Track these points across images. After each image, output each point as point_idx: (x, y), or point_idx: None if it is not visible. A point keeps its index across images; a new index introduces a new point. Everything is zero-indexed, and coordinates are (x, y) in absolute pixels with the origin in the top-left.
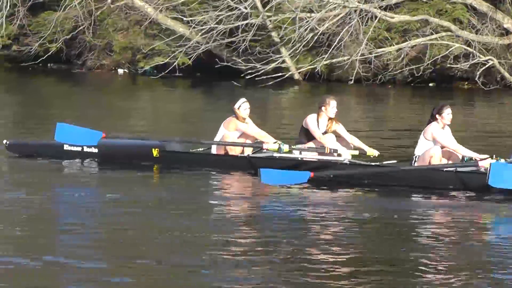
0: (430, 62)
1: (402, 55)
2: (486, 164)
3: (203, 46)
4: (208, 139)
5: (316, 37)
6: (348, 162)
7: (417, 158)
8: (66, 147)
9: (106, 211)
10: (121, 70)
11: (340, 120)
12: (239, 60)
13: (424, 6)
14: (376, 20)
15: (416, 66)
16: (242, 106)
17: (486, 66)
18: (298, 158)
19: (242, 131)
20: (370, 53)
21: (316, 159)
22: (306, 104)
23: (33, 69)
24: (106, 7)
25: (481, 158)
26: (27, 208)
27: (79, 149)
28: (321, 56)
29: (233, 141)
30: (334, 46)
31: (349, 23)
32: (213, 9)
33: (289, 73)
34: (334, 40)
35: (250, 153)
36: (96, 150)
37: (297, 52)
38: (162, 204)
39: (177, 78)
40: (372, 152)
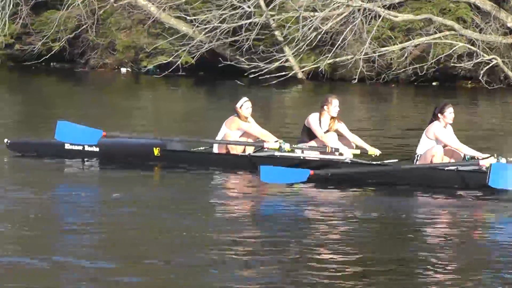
0: (433, 61)
1: (406, 54)
2: (487, 163)
3: (207, 45)
4: (210, 138)
5: (319, 36)
6: (349, 161)
7: (419, 157)
8: (67, 146)
9: (108, 211)
10: (124, 69)
11: (343, 119)
12: (243, 59)
13: (427, 5)
14: (380, 19)
15: (419, 65)
16: (244, 105)
17: (490, 65)
18: (299, 157)
19: (244, 130)
20: (373, 52)
21: (317, 158)
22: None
23: (35, 68)
24: (109, 6)
25: (483, 157)
26: (28, 207)
27: (80, 148)
28: (324, 55)
29: (235, 140)
30: (337, 45)
31: (352, 22)
32: (216, 8)
33: (292, 72)
34: (337, 39)
35: (252, 152)
36: (97, 149)
37: (300, 51)
38: (163, 203)
39: (180, 77)
40: (373, 151)
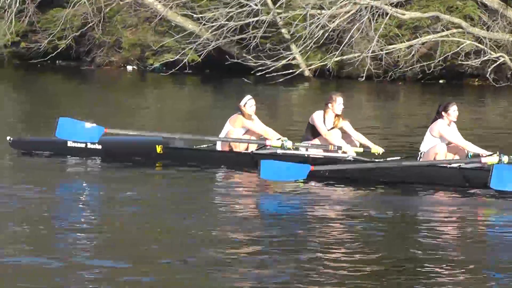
0: (441, 59)
1: (413, 52)
2: (489, 160)
3: (213, 43)
4: (213, 136)
5: (326, 34)
6: (352, 159)
7: (422, 155)
8: (70, 144)
9: (110, 209)
10: (130, 67)
11: (350, 117)
12: (249, 57)
13: (435, 2)
14: (387, 17)
15: (427, 63)
16: (248, 103)
17: (497, 63)
18: (302, 155)
19: (248, 128)
20: (381, 49)
21: (319, 156)
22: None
23: (41, 66)
24: (115, 4)
25: (486, 155)
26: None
27: (83, 145)
28: (331, 53)
29: (238, 137)
30: (345, 43)
31: (360, 20)
32: (223, 5)
33: (299, 70)
34: (344, 37)
35: (254, 150)
36: (99, 147)
37: (307, 49)
38: (166, 201)
39: (186, 75)
40: (377, 149)
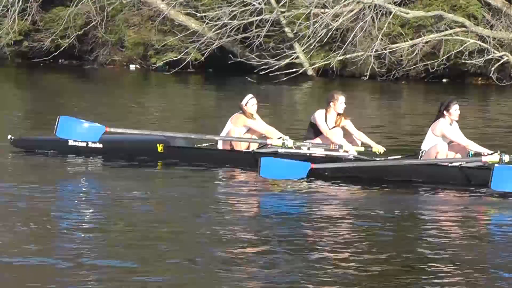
0: (444, 58)
1: (416, 51)
2: (489, 159)
3: (217, 42)
4: (214, 135)
5: (330, 33)
6: (353, 158)
7: (423, 154)
8: (71, 143)
9: (112, 208)
10: (133, 66)
11: (353, 116)
12: (253, 55)
13: (438, 1)
14: (390, 16)
15: (430, 62)
16: (250, 102)
17: (501, 62)
18: (303, 154)
19: (250, 127)
20: (384, 48)
21: (320, 155)
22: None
23: (44, 65)
24: (118, 3)
25: (487, 154)
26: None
27: (84, 144)
28: (334, 52)
29: (239, 136)
30: (348, 41)
31: (363, 19)
32: (226, 4)
33: (302, 69)
34: (347, 35)
35: (255, 148)
36: (100, 146)
37: (311, 48)
38: (167, 200)
39: (189, 74)
40: (378, 148)
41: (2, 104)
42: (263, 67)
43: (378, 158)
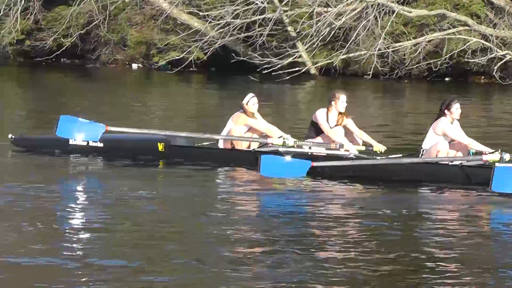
0: (447, 56)
1: (419, 50)
2: (490, 158)
3: (219, 41)
4: (215, 134)
5: (333, 31)
6: (354, 157)
7: (424, 152)
8: (72, 142)
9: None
10: (135, 65)
11: (355, 114)
12: (255, 54)
13: (441, 0)
14: (393, 14)
15: (433, 60)
16: (251, 101)
17: (503, 60)
18: (304, 153)
19: (251, 126)
20: (387, 47)
21: (321, 154)
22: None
23: (46, 64)
24: (120, 2)
25: (488, 152)
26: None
27: (85, 143)
28: (336, 50)
29: (240, 135)
30: (351, 40)
31: (366, 18)
32: (229, 3)
33: (305, 67)
34: (350, 34)
35: (256, 147)
36: (101, 145)
37: (314, 46)
38: (169, 200)
39: (192, 73)
40: (379, 147)
41: (4, 103)
42: (266, 66)
43: (379, 157)
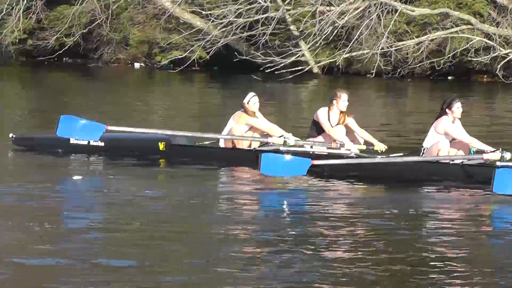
0: (450, 55)
1: (422, 49)
2: (491, 157)
3: (222, 40)
4: (216, 133)
5: (335, 30)
6: (354, 156)
7: (425, 151)
8: (72, 141)
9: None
10: (137, 64)
11: (358, 113)
12: (258, 53)
13: None
14: (396, 13)
15: (436, 59)
16: (252, 100)
17: (507, 59)
18: (304, 151)
19: (252, 125)
20: (390, 46)
21: (322, 153)
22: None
23: (48, 63)
24: (123, 1)
25: (489, 151)
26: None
27: (85, 142)
28: (339, 49)
29: (241, 134)
30: (354, 39)
31: (369, 17)
32: (232, 2)
33: (308, 66)
34: (353, 33)
35: (257, 146)
36: (102, 144)
37: (316, 45)
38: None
39: (194, 72)
40: (380, 146)
41: (6, 102)
42: (269, 65)
43: (379, 156)
